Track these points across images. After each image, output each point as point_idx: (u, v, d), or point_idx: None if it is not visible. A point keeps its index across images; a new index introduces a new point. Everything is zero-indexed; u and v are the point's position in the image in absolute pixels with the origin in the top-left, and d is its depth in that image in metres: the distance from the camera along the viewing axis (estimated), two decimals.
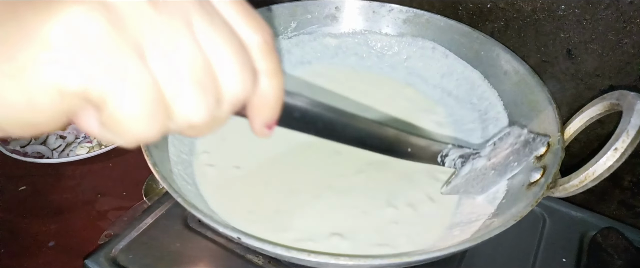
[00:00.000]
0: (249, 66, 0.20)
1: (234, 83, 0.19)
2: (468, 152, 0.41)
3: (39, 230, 0.62)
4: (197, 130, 0.20)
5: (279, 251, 0.32)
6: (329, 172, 0.50)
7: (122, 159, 0.73)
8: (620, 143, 0.36)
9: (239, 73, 0.19)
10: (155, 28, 0.17)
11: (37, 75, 0.15)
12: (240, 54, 0.19)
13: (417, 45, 0.62)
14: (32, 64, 0.15)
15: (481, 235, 0.35)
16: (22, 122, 0.16)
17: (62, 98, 0.16)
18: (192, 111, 0.18)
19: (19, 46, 0.15)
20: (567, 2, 0.52)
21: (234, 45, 0.19)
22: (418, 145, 0.37)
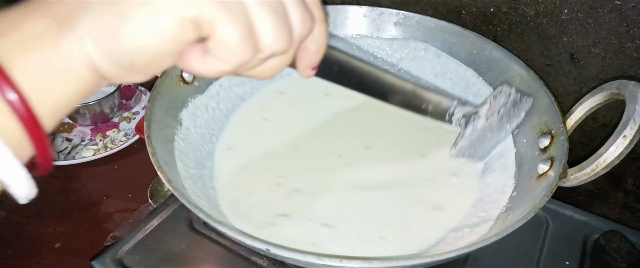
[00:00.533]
0: (309, 12, 0.25)
1: (300, 22, 0.24)
2: (470, 111, 0.45)
3: (45, 232, 0.63)
4: (274, 63, 0.26)
5: (311, 259, 0.33)
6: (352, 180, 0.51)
7: (128, 161, 0.73)
8: (629, 130, 0.37)
9: (304, 15, 0.25)
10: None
11: (165, 6, 0.20)
12: (303, 2, 0.25)
13: (408, 46, 0.62)
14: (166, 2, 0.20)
15: (501, 231, 0.36)
16: (148, 50, 0.21)
17: (182, 26, 0.21)
18: (274, 40, 0.23)
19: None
20: (570, 7, 0.53)
21: (299, 3, 0.24)
22: (432, 101, 0.42)
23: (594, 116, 0.57)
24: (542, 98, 0.49)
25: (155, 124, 0.45)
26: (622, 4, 0.50)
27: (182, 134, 0.50)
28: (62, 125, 0.79)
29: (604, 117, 0.57)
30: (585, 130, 0.59)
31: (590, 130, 0.59)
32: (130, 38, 0.20)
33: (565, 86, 0.58)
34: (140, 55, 0.21)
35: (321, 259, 0.33)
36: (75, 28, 0.20)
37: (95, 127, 0.80)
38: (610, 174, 0.60)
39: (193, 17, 0.21)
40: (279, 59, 0.26)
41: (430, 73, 0.62)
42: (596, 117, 0.58)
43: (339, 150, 0.53)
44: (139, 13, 0.20)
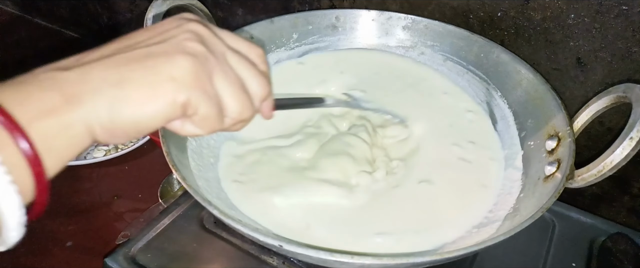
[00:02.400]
0: (264, 79, 0.32)
1: (259, 91, 0.32)
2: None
3: (58, 231, 0.64)
4: (240, 125, 0.32)
5: (322, 255, 0.34)
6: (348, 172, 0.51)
7: (138, 162, 0.74)
8: (635, 132, 0.38)
9: (260, 83, 0.32)
10: (215, 66, 0.29)
11: (160, 93, 0.26)
12: (258, 73, 0.32)
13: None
14: (160, 86, 0.26)
15: (509, 230, 0.36)
16: (141, 126, 0.26)
17: (173, 109, 0.26)
18: (239, 113, 0.30)
19: (152, 77, 0.26)
20: (577, 11, 0.53)
21: (253, 71, 0.31)
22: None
23: (600, 120, 0.58)
24: (549, 101, 0.49)
25: None
26: (628, 9, 0.50)
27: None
28: None
29: (610, 121, 0.58)
30: (592, 134, 0.60)
31: (597, 133, 0.60)
32: (128, 118, 0.25)
33: (572, 90, 0.59)
34: (134, 129, 0.26)
35: (333, 255, 0.33)
36: (83, 106, 0.24)
37: None
38: (617, 178, 0.61)
39: (182, 102, 0.27)
40: (245, 121, 0.32)
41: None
42: (602, 121, 0.58)
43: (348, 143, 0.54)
44: (138, 98, 0.25)
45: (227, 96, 0.29)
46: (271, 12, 0.77)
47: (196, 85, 0.27)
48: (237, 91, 0.30)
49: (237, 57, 0.31)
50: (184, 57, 0.27)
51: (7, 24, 1.15)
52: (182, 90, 0.26)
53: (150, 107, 0.26)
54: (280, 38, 0.62)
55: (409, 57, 0.64)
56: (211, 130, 0.30)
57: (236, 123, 0.31)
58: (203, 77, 0.27)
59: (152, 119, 0.26)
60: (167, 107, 0.26)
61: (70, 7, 1.06)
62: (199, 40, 0.29)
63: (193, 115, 0.28)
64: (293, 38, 0.63)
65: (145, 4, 0.85)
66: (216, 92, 0.29)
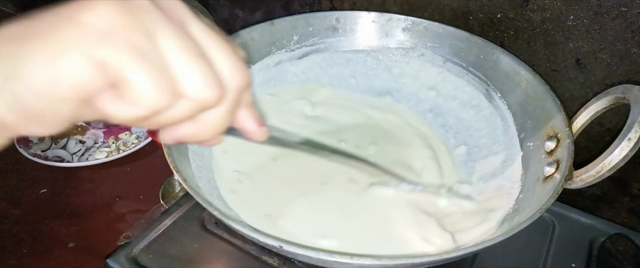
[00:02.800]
0: (240, 62, 0.24)
1: (230, 69, 0.23)
2: None
3: (60, 232, 0.64)
4: (211, 119, 0.24)
5: (323, 256, 0.34)
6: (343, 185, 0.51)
7: (140, 164, 0.75)
8: (633, 133, 0.38)
9: (234, 63, 0.23)
10: (161, 22, 0.21)
11: (73, 46, 0.19)
12: (232, 54, 0.24)
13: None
14: (72, 40, 0.19)
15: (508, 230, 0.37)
16: (48, 94, 0.19)
17: (86, 66, 0.19)
18: (200, 85, 0.22)
19: (63, 29, 0.19)
20: (576, 13, 0.54)
21: (224, 45, 0.23)
22: None
23: (600, 121, 0.58)
24: (548, 102, 0.50)
25: None
26: (627, 10, 0.51)
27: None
28: (75, 128, 0.81)
29: (609, 122, 0.58)
30: (591, 135, 0.60)
31: (596, 134, 0.60)
32: (29, 83, 0.19)
33: (571, 91, 0.59)
34: (39, 99, 0.19)
35: (332, 256, 0.34)
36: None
37: (108, 129, 0.81)
38: (617, 179, 0.61)
39: (98, 60, 0.19)
40: (215, 113, 0.24)
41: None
42: (602, 122, 0.58)
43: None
44: (39, 55, 0.19)
45: (179, 61, 0.21)
46: (272, 14, 0.78)
47: (120, 35, 0.20)
48: (196, 58, 0.22)
49: (204, 28, 0.23)
50: (108, 2, 0.20)
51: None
52: (97, 40, 0.19)
53: (51, 66, 0.19)
54: (280, 40, 0.63)
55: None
56: (152, 108, 0.21)
57: (198, 108, 0.23)
58: (133, 28, 0.20)
59: (58, 85, 0.19)
60: (74, 66, 0.19)
61: None
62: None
63: (120, 82, 0.20)
64: (294, 40, 0.63)
65: None
66: (160, 54, 0.21)
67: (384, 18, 0.63)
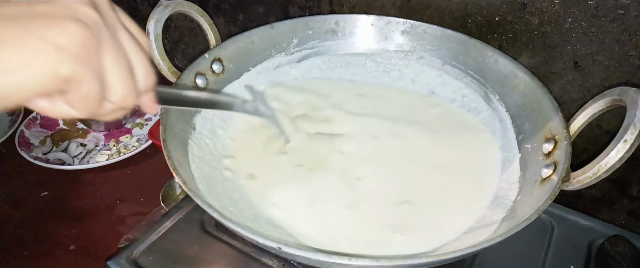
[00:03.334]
0: (151, 69, 0.30)
1: (144, 78, 0.29)
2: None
3: (61, 234, 0.64)
4: (119, 113, 0.29)
5: (321, 257, 0.34)
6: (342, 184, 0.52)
7: (141, 166, 0.75)
8: (629, 135, 0.38)
9: (147, 73, 0.29)
10: (106, 39, 0.26)
11: (44, 61, 0.23)
12: (147, 62, 0.29)
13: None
14: (41, 53, 0.23)
15: (506, 231, 0.37)
16: (6, 93, 0.23)
17: (51, 79, 0.23)
18: (122, 97, 0.27)
19: (33, 44, 0.23)
20: (574, 15, 0.54)
21: (143, 56, 0.29)
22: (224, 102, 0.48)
23: (598, 123, 0.58)
24: (546, 105, 0.50)
25: (170, 128, 0.46)
26: (624, 13, 0.51)
27: (196, 138, 0.51)
28: (76, 131, 0.81)
29: (608, 124, 0.58)
30: (590, 137, 0.60)
31: (595, 136, 0.60)
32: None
33: (569, 93, 0.59)
34: (3, 94, 0.23)
35: (330, 257, 0.34)
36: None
37: (108, 132, 0.82)
38: (616, 181, 0.61)
39: (65, 76, 0.24)
40: (124, 110, 0.30)
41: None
42: (600, 124, 0.59)
43: (347, 155, 0.55)
44: (9, 62, 0.23)
45: (113, 76, 0.26)
46: (272, 17, 0.78)
47: (81, 57, 0.24)
48: (125, 74, 0.27)
49: (128, 37, 0.28)
50: (75, 25, 0.24)
51: None
52: (67, 62, 0.23)
53: (23, 75, 0.23)
54: (280, 43, 0.63)
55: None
56: (87, 113, 0.27)
57: (115, 110, 0.28)
58: (92, 51, 0.25)
59: (22, 88, 0.23)
60: (45, 78, 0.23)
61: None
62: (93, 7, 0.26)
63: (71, 92, 0.25)
64: (293, 43, 0.64)
65: (147, 10, 0.86)
66: (102, 69, 0.26)
67: (383, 21, 0.64)
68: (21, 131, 0.78)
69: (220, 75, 0.58)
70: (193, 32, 0.89)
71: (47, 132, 0.81)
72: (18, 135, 0.77)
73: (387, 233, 0.46)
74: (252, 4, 0.79)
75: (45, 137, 0.79)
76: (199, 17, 0.58)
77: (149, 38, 0.51)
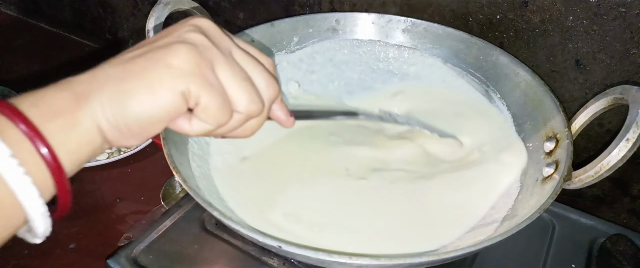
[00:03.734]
0: (273, 79, 0.32)
1: (266, 86, 0.31)
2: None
3: (60, 233, 0.64)
4: (252, 123, 0.31)
5: (321, 256, 0.34)
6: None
7: (141, 165, 0.75)
8: (631, 133, 0.38)
9: (268, 81, 0.31)
10: (218, 56, 0.28)
11: (161, 84, 0.26)
12: (267, 71, 0.31)
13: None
14: (163, 79, 0.26)
15: (507, 230, 0.37)
16: (145, 119, 0.26)
17: (173, 98, 0.26)
18: (247, 104, 0.29)
19: (156, 70, 0.26)
20: (575, 14, 0.54)
21: (261, 68, 0.31)
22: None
23: (600, 122, 0.58)
24: (547, 103, 0.50)
25: None
26: (626, 11, 0.51)
27: (196, 137, 0.51)
28: None
29: (609, 123, 0.58)
30: (591, 136, 0.60)
31: (596, 135, 0.60)
32: (131, 111, 0.26)
33: (571, 92, 0.59)
34: (138, 124, 0.26)
35: (331, 256, 0.34)
36: (90, 103, 0.25)
37: None
38: (617, 180, 0.61)
39: (182, 91, 0.26)
40: (256, 119, 0.31)
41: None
42: (602, 123, 0.58)
43: (345, 155, 0.54)
44: (138, 90, 0.26)
45: (232, 86, 0.29)
46: (272, 16, 0.78)
47: (195, 72, 0.27)
48: (243, 82, 0.29)
49: (244, 54, 0.30)
50: (183, 45, 0.27)
51: (9, 28, 1.16)
52: (181, 77, 0.26)
53: (151, 99, 0.26)
54: (280, 41, 0.63)
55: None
56: (218, 123, 0.29)
57: (246, 119, 0.30)
58: (203, 65, 0.27)
59: (155, 112, 0.26)
60: (167, 98, 0.26)
61: (73, 11, 1.07)
62: (200, 32, 0.28)
63: (196, 106, 0.28)
64: (294, 41, 0.63)
65: (148, 8, 0.85)
66: (220, 82, 0.28)
67: (384, 19, 0.63)
68: None
69: None
70: None
71: None
72: None
73: (386, 231, 0.46)
74: (252, 2, 0.79)
75: None
76: (199, 15, 0.58)
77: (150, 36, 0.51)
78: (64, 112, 0.24)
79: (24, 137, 0.23)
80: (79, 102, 0.25)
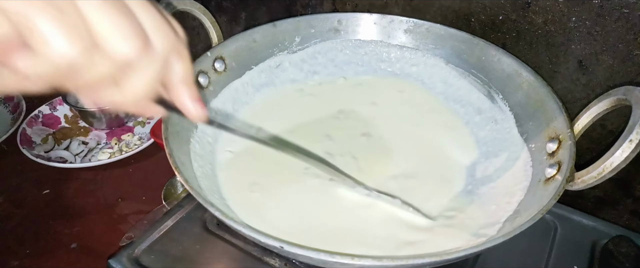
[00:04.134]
0: (169, 25, 0.23)
1: (156, 28, 0.22)
2: None
3: (62, 232, 0.64)
4: (136, 82, 0.22)
5: (323, 257, 0.34)
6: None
7: (142, 165, 0.75)
8: (634, 135, 0.38)
9: (161, 23, 0.22)
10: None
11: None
12: (162, 19, 0.22)
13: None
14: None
15: (509, 231, 0.37)
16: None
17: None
18: (119, 37, 0.20)
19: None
20: (578, 14, 0.53)
21: (153, 9, 0.22)
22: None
23: (602, 123, 0.58)
24: (550, 104, 0.50)
25: (172, 126, 0.46)
26: (629, 12, 0.51)
27: (198, 137, 0.51)
28: (78, 129, 0.81)
29: (612, 124, 0.58)
30: (594, 137, 0.60)
31: (599, 136, 0.60)
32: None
33: (573, 93, 0.59)
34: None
35: (333, 257, 0.34)
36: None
37: (110, 131, 0.81)
38: (619, 181, 0.61)
39: (6, 9, 0.19)
40: (140, 75, 0.22)
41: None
42: (604, 124, 0.58)
43: (343, 147, 0.54)
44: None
45: (98, 14, 0.20)
46: (274, 16, 0.78)
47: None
48: (117, 12, 0.20)
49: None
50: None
51: None
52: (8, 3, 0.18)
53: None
54: (282, 41, 0.63)
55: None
56: (63, 60, 0.20)
57: (118, 67, 0.21)
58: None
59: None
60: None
61: None
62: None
63: (31, 35, 0.19)
64: (296, 41, 0.63)
65: None
66: (74, 4, 0.20)
67: (386, 20, 0.63)
68: (23, 129, 0.78)
69: (223, 73, 0.58)
70: (195, 30, 0.89)
71: (49, 130, 0.81)
72: (20, 133, 0.77)
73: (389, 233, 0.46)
74: (255, 2, 0.79)
75: (47, 135, 0.79)
76: (201, 15, 0.58)
77: None
78: None
79: None
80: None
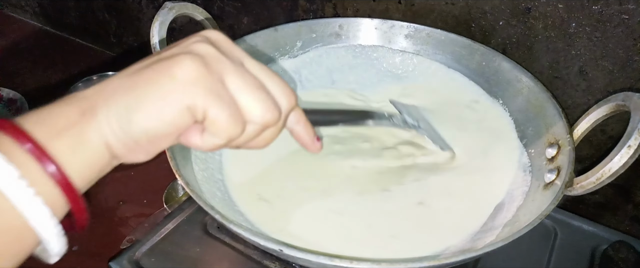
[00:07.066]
0: (287, 88, 0.30)
1: (281, 93, 0.29)
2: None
3: None
4: (267, 134, 0.30)
5: (323, 260, 0.34)
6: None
7: (143, 168, 0.75)
8: (633, 140, 0.38)
9: (283, 88, 0.29)
10: (227, 66, 0.27)
11: (166, 98, 0.25)
12: (282, 83, 0.30)
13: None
14: (169, 91, 0.25)
15: (508, 236, 0.37)
16: (152, 133, 0.25)
17: (179, 112, 0.25)
18: (262, 112, 0.27)
19: (162, 83, 0.25)
20: (578, 20, 0.54)
21: (276, 78, 0.29)
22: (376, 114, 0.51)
23: (602, 128, 0.58)
24: (550, 109, 0.50)
25: None
26: (629, 18, 0.51)
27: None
28: None
29: (612, 130, 0.58)
30: (594, 143, 0.60)
31: (599, 142, 0.60)
32: (137, 125, 0.25)
33: (573, 98, 0.59)
34: (146, 138, 0.25)
35: (332, 260, 0.34)
36: (96, 117, 0.24)
37: None
38: (620, 187, 0.61)
39: (188, 105, 0.25)
40: (272, 129, 0.30)
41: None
42: (604, 129, 0.58)
43: (348, 150, 0.55)
44: (146, 104, 0.25)
45: (244, 95, 0.27)
46: (276, 20, 0.78)
47: (201, 83, 0.25)
48: (256, 91, 0.27)
49: (256, 63, 0.29)
50: (188, 56, 0.26)
51: (16, 32, 1.17)
52: (185, 89, 0.25)
53: (155, 113, 0.25)
54: (284, 46, 0.63)
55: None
56: (230, 137, 0.27)
57: (262, 129, 0.29)
58: (210, 76, 0.26)
59: (160, 126, 0.25)
60: (172, 111, 0.25)
61: (78, 15, 1.08)
62: (209, 43, 0.27)
63: (205, 120, 0.26)
64: (297, 46, 0.64)
65: (153, 12, 0.86)
66: (230, 93, 0.26)
67: (387, 25, 0.64)
68: None
69: None
70: None
71: None
72: None
73: (388, 237, 0.46)
74: (256, 7, 0.79)
75: None
76: (203, 19, 0.59)
77: (154, 41, 0.52)
78: (70, 128, 0.24)
79: (31, 157, 0.22)
80: (85, 117, 0.24)
